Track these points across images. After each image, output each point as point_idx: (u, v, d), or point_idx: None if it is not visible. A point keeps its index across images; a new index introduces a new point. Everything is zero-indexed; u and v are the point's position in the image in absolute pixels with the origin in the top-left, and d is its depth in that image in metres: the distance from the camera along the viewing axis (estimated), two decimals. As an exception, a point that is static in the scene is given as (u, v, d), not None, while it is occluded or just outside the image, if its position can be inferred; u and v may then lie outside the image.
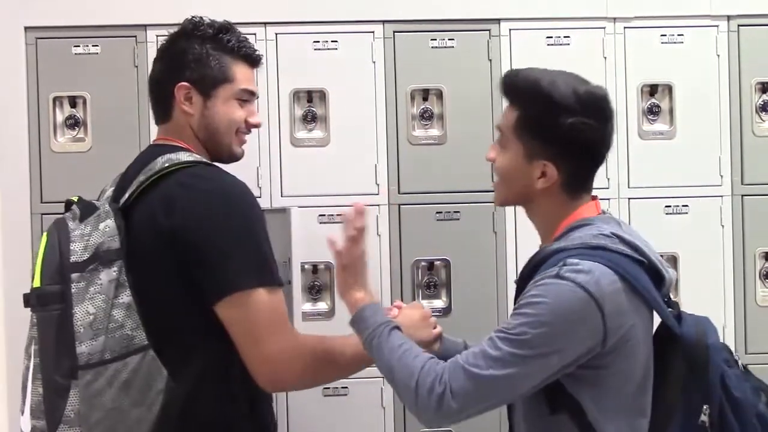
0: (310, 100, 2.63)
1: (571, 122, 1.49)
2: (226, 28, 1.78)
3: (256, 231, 1.61)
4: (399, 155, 2.61)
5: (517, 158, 1.56)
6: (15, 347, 2.56)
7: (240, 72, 1.77)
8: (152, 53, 2.53)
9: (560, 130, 1.50)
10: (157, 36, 2.56)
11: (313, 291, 2.58)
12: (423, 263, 2.61)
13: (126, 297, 1.54)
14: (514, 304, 1.54)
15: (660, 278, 1.54)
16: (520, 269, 2.52)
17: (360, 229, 1.62)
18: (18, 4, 2.56)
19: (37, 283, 1.58)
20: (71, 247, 1.56)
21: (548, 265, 1.48)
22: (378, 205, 2.60)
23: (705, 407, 1.49)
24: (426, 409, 1.46)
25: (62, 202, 2.48)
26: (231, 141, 1.78)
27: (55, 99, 2.59)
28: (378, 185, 2.60)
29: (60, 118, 2.60)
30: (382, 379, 2.52)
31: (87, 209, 1.63)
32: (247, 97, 1.80)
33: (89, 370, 1.51)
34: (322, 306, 2.58)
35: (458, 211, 2.61)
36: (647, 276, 1.50)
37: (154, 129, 2.52)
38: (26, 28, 2.57)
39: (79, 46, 2.58)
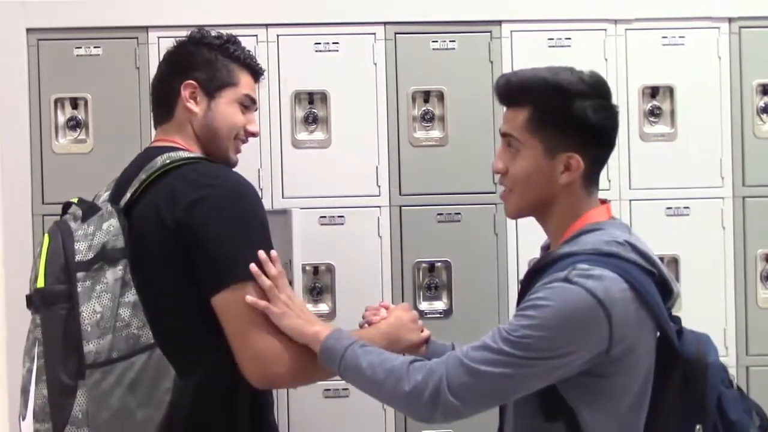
0: (311, 102, 2.63)
1: (587, 105, 1.47)
2: (233, 39, 1.82)
3: (254, 225, 1.62)
4: (400, 157, 2.61)
5: (536, 157, 1.50)
6: (16, 348, 2.57)
7: (244, 79, 1.81)
8: (154, 55, 2.57)
9: (578, 115, 1.47)
10: (158, 38, 2.57)
11: (314, 292, 2.58)
12: (424, 265, 2.61)
13: (131, 296, 1.54)
14: (517, 304, 1.51)
15: (667, 291, 1.51)
16: (522, 270, 2.57)
17: (275, 276, 1.60)
18: (19, 6, 2.56)
19: (41, 284, 1.56)
20: (75, 247, 1.56)
21: (558, 269, 1.44)
22: (379, 207, 2.60)
23: (698, 427, 1.46)
24: (423, 406, 1.43)
25: (64, 203, 2.54)
26: (229, 146, 1.80)
27: (56, 100, 2.59)
28: (379, 187, 2.60)
29: (61, 119, 2.60)
30: (383, 380, 2.54)
31: (89, 210, 1.63)
32: (249, 104, 1.82)
33: (97, 369, 1.50)
34: (323, 307, 2.58)
35: (459, 213, 2.61)
36: (656, 288, 1.46)
37: (155, 130, 2.57)
38: (28, 30, 2.57)
39: (80, 47, 2.58)
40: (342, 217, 2.58)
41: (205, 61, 1.77)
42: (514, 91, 1.54)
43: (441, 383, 1.42)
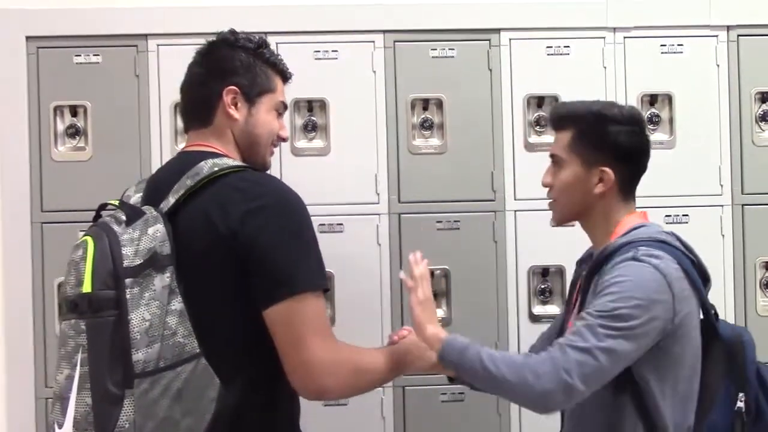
0: (310, 110, 2.63)
1: (620, 130, 1.76)
2: (266, 42, 1.81)
3: (308, 236, 1.61)
4: (399, 164, 2.61)
5: (576, 170, 1.79)
6: (14, 354, 2.56)
7: (279, 84, 1.81)
8: (153, 62, 2.58)
9: (612, 137, 1.76)
10: (158, 45, 2.57)
11: (313, 300, 2.57)
12: (423, 272, 2.61)
13: (178, 304, 1.52)
14: (582, 290, 1.76)
15: (705, 280, 1.77)
16: (521, 277, 2.57)
17: (422, 274, 1.79)
18: (19, 14, 2.57)
19: (87, 288, 1.50)
20: (123, 252, 1.52)
21: (620, 254, 1.69)
22: (378, 215, 2.60)
23: (741, 395, 1.71)
24: (549, 395, 1.59)
25: (63, 211, 2.54)
26: (266, 152, 1.80)
27: (56, 108, 2.59)
28: (378, 194, 2.60)
29: (61, 127, 2.60)
30: (382, 388, 2.54)
31: (133, 213, 1.58)
32: (282, 110, 1.83)
33: (145, 378, 1.47)
34: (322, 315, 2.57)
35: (458, 221, 2.61)
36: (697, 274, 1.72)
37: (155, 137, 2.57)
38: (28, 38, 2.57)
39: (80, 55, 2.59)
40: (341, 224, 2.58)
41: (244, 66, 1.74)
42: (563, 117, 1.83)
43: (559, 371, 1.58)
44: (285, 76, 1.84)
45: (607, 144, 1.76)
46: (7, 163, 2.57)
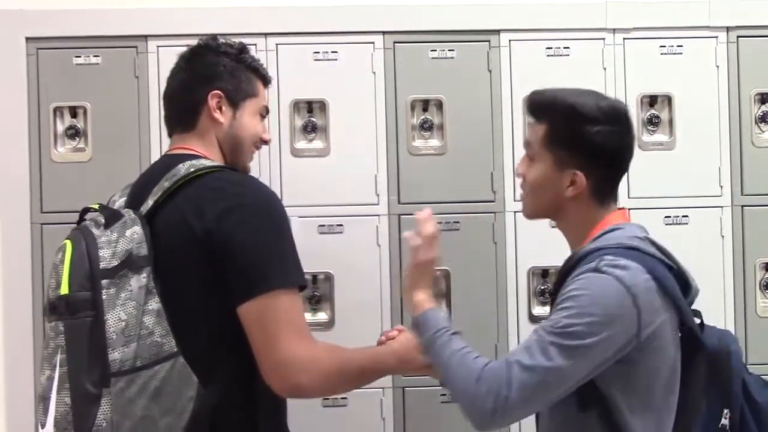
0: (310, 111, 2.63)
1: (596, 131, 1.61)
2: (246, 48, 1.85)
3: (284, 234, 1.63)
4: (399, 166, 2.62)
5: (547, 169, 1.65)
6: (13, 357, 2.56)
7: (261, 89, 1.85)
8: (153, 64, 2.58)
9: (586, 138, 1.61)
10: (157, 47, 2.57)
11: (313, 301, 2.58)
12: (423, 273, 2.61)
13: (155, 304, 1.54)
14: (551, 299, 1.64)
15: (687, 286, 1.63)
16: (521, 279, 2.57)
17: (431, 234, 1.74)
18: (19, 15, 2.56)
19: (65, 290, 1.54)
20: (100, 254, 1.55)
21: (587, 262, 1.56)
22: (378, 216, 2.60)
23: (725, 411, 1.61)
24: (483, 407, 1.51)
25: (62, 212, 2.54)
26: (248, 154, 1.83)
27: (55, 109, 2.59)
28: (378, 195, 2.60)
29: (60, 128, 2.60)
30: (381, 389, 2.54)
31: (111, 216, 1.62)
32: (265, 113, 1.87)
33: (122, 377, 1.50)
34: (322, 316, 2.57)
35: (458, 222, 2.61)
36: (675, 281, 1.58)
37: (155, 138, 2.57)
38: (27, 39, 2.57)
39: (80, 56, 2.59)
40: (341, 225, 2.58)
41: (228, 71, 1.78)
42: (537, 107, 1.71)
43: (500, 387, 1.49)
44: (266, 81, 1.88)
45: (581, 146, 1.61)
46: (6, 164, 2.57)
